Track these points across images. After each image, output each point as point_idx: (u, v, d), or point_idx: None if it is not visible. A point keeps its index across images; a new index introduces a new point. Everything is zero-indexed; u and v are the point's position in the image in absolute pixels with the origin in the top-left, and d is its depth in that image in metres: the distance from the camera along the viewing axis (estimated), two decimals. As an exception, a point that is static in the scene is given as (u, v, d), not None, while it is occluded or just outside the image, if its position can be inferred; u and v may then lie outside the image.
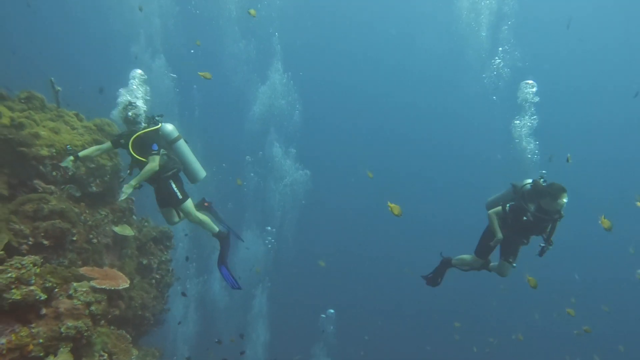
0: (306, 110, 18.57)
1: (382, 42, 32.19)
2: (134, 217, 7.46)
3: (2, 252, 4.18)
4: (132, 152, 5.16)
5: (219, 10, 16.42)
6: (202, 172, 5.88)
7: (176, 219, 5.87)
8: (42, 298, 4.14)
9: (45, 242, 5.65)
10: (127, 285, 5.18)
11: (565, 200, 5.04)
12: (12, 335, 3.91)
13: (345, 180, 29.60)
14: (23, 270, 4.06)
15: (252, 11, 8.91)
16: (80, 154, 5.31)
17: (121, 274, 5.46)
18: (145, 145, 5.16)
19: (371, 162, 30.77)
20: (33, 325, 4.16)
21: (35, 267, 4.21)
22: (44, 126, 6.38)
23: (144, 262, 7.19)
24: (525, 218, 5.23)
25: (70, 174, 6.18)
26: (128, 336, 5.64)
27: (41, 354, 4.09)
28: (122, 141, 5.35)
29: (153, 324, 7.16)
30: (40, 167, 6.07)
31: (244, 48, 17.31)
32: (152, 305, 6.99)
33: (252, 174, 17.51)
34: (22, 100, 6.53)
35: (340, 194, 28.78)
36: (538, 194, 5.24)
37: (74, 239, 5.96)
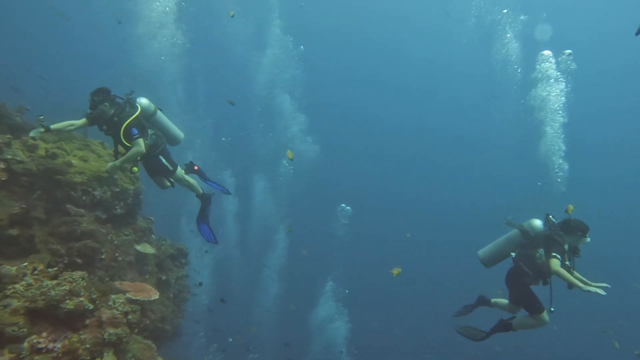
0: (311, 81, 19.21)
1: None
2: (152, 236, 8.06)
3: (55, 269, 4.78)
4: (124, 142, 5.40)
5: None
6: (181, 134, 6.25)
7: (167, 184, 6.25)
8: (89, 308, 4.72)
9: (79, 260, 6.25)
10: (158, 297, 5.77)
11: (589, 238, 4.97)
12: (66, 340, 4.49)
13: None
14: (74, 284, 4.65)
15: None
16: (52, 126, 5.40)
17: (150, 286, 6.05)
18: (129, 131, 5.41)
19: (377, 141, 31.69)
20: (81, 332, 4.73)
21: (83, 280, 4.80)
22: (74, 155, 7.04)
23: (163, 277, 7.77)
24: (568, 263, 4.91)
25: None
26: (154, 346, 6.20)
27: (88, 358, 4.65)
28: (104, 127, 5.53)
29: (171, 337, 7.69)
30: (72, 193, 6.69)
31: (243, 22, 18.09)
32: (170, 319, 7.54)
33: (261, 125, 18.35)
34: (54, 132, 7.18)
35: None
36: (568, 231, 4.97)
37: (103, 257, 6.56)
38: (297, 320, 15.35)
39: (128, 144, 5.44)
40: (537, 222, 5.23)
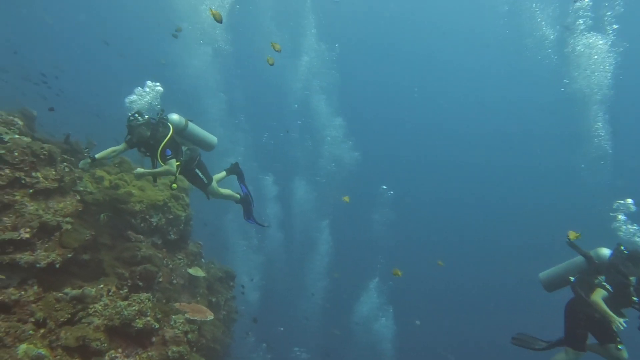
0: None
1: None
2: (202, 259, 8.54)
3: (126, 290, 5.28)
4: (162, 163, 5.79)
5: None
6: (214, 139, 6.59)
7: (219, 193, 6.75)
8: (155, 327, 5.17)
9: (140, 283, 6.74)
10: (213, 317, 6.17)
11: None
12: (137, 356, 4.93)
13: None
14: (142, 305, 5.12)
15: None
16: (97, 155, 5.82)
17: (205, 308, 6.47)
18: (164, 152, 5.76)
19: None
20: (148, 349, 5.17)
21: (149, 302, 5.27)
22: (133, 185, 7.67)
23: (213, 299, 8.20)
24: (637, 299, 4.64)
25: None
26: (208, 364, 6.58)
27: (155, 373, 5.08)
28: (142, 149, 5.94)
29: (222, 356, 8.04)
30: (132, 220, 7.28)
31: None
32: (221, 339, 7.91)
33: (299, 122, 19.21)
34: (116, 165, 7.88)
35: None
36: (636, 262, 4.72)
37: (160, 280, 7.06)
38: (342, 315, 15.58)
39: (163, 164, 5.83)
40: (605, 251, 5.01)
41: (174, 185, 6.11)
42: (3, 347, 3.94)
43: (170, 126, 5.88)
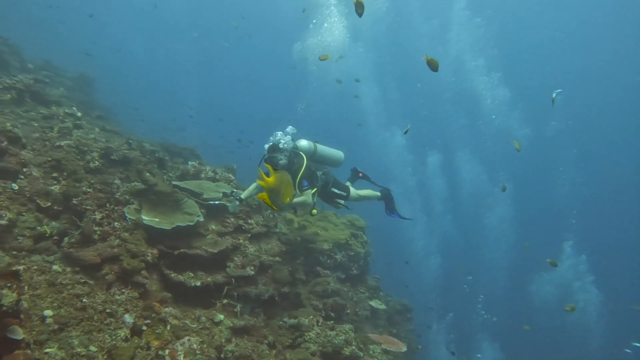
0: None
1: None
2: (381, 293, 8.94)
3: (332, 322, 5.89)
4: (299, 193, 5.74)
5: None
6: (341, 156, 6.53)
7: (341, 204, 6.65)
8: (360, 355, 5.62)
9: (332, 314, 7.42)
10: (406, 349, 6.41)
11: None
12: (346, 382, 5.40)
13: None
14: (347, 335, 5.65)
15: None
16: (242, 195, 5.93)
17: (397, 340, 6.75)
18: (301, 183, 5.69)
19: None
20: (353, 376, 5.62)
21: (352, 332, 5.77)
22: (317, 226, 8.58)
23: (394, 331, 8.44)
24: None
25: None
26: (401, 396, 6.76)
27: (361, 400, 5.48)
28: None
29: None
30: (320, 257, 8.10)
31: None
32: (406, 372, 8.04)
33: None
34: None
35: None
36: None
37: (348, 312, 7.63)
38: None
39: (300, 193, 5.93)
40: None
41: (314, 211, 6.17)
42: (248, 366, 4.79)
43: (303, 155, 5.88)
